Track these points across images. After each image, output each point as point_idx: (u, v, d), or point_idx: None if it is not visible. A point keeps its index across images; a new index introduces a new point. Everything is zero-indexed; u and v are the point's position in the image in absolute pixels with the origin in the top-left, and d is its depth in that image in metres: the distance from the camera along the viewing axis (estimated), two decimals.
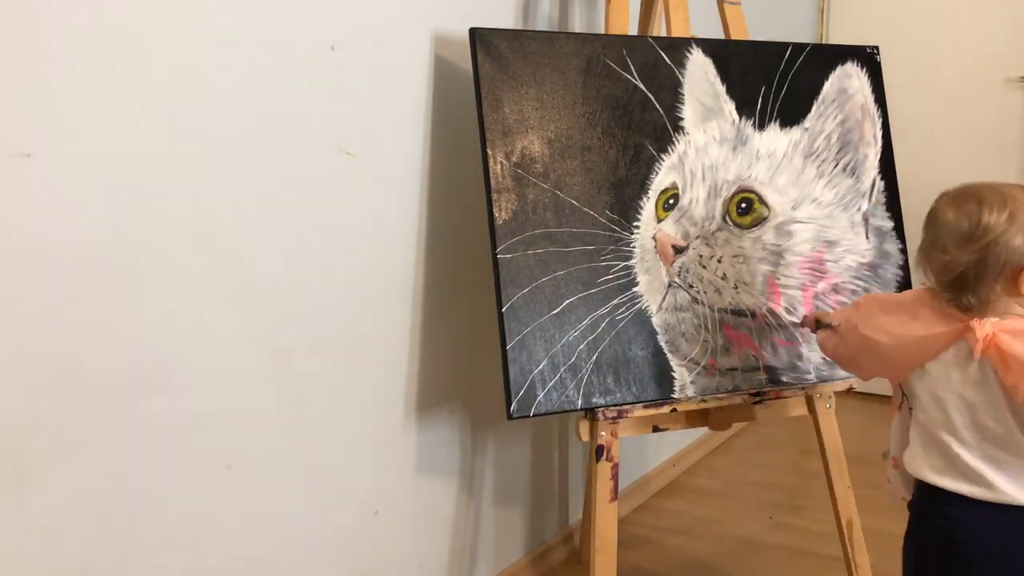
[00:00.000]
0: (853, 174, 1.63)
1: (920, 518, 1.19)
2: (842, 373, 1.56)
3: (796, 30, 3.07)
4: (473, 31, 1.38)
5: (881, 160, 1.66)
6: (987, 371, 1.09)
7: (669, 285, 1.47)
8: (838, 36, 3.13)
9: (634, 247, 1.46)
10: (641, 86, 1.50)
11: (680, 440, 2.49)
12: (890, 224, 1.65)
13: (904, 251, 1.65)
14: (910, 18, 3.00)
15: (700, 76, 1.54)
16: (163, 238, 1.08)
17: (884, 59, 1.66)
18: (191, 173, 1.11)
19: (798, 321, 1.53)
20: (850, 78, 1.65)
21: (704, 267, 1.50)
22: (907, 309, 1.16)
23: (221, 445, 1.18)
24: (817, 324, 1.39)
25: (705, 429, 1.61)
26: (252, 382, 1.22)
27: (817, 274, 1.57)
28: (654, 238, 1.47)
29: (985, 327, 1.06)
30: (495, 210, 1.37)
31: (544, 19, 1.75)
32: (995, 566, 1.12)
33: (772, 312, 1.54)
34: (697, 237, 1.50)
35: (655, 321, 1.46)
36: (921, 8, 2.99)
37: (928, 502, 1.17)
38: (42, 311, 0.96)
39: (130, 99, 1.03)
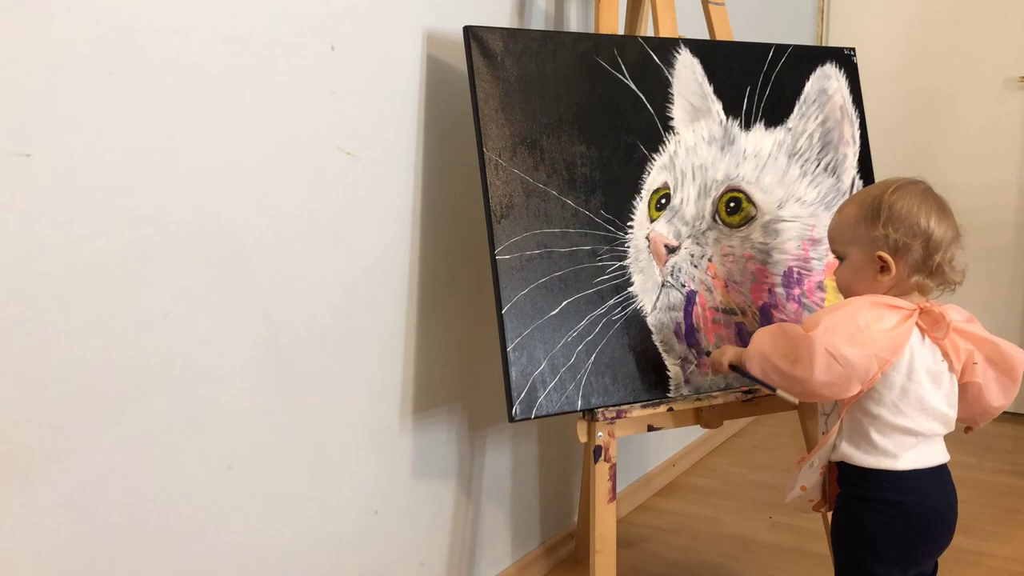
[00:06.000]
0: (834, 173, 1.65)
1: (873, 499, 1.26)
2: None
3: (795, 30, 3.07)
4: (467, 29, 1.39)
5: (859, 160, 1.67)
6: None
7: (663, 285, 1.49)
8: (837, 36, 3.14)
9: (628, 247, 1.47)
10: (632, 86, 1.51)
11: (680, 440, 2.49)
12: None
13: None
14: (909, 18, 3.01)
15: (689, 76, 1.55)
16: (163, 238, 1.10)
17: (883, 59, 1.67)
18: (190, 173, 1.12)
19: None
20: (829, 79, 1.67)
21: (695, 266, 1.51)
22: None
23: (221, 445, 1.20)
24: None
25: (705, 429, 1.62)
26: (252, 382, 1.23)
27: (803, 271, 1.59)
28: (647, 238, 1.48)
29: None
30: (493, 210, 1.37)
31: (540, 16, 1.76)
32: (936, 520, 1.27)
33: (762, 310, 1.55)
34: (688, 236, 1.51)
35: (650, 321, 1.47)
36: (920, 8, 3.00)
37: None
38: (42, 311, 0.98)
39: (130, 99, 1.04)
